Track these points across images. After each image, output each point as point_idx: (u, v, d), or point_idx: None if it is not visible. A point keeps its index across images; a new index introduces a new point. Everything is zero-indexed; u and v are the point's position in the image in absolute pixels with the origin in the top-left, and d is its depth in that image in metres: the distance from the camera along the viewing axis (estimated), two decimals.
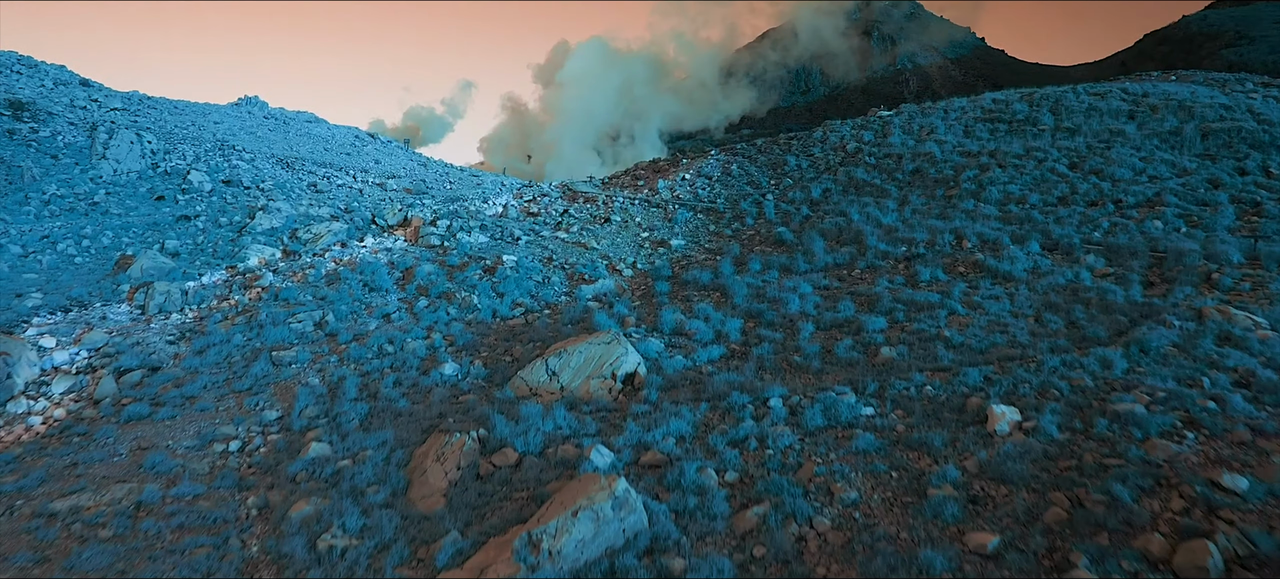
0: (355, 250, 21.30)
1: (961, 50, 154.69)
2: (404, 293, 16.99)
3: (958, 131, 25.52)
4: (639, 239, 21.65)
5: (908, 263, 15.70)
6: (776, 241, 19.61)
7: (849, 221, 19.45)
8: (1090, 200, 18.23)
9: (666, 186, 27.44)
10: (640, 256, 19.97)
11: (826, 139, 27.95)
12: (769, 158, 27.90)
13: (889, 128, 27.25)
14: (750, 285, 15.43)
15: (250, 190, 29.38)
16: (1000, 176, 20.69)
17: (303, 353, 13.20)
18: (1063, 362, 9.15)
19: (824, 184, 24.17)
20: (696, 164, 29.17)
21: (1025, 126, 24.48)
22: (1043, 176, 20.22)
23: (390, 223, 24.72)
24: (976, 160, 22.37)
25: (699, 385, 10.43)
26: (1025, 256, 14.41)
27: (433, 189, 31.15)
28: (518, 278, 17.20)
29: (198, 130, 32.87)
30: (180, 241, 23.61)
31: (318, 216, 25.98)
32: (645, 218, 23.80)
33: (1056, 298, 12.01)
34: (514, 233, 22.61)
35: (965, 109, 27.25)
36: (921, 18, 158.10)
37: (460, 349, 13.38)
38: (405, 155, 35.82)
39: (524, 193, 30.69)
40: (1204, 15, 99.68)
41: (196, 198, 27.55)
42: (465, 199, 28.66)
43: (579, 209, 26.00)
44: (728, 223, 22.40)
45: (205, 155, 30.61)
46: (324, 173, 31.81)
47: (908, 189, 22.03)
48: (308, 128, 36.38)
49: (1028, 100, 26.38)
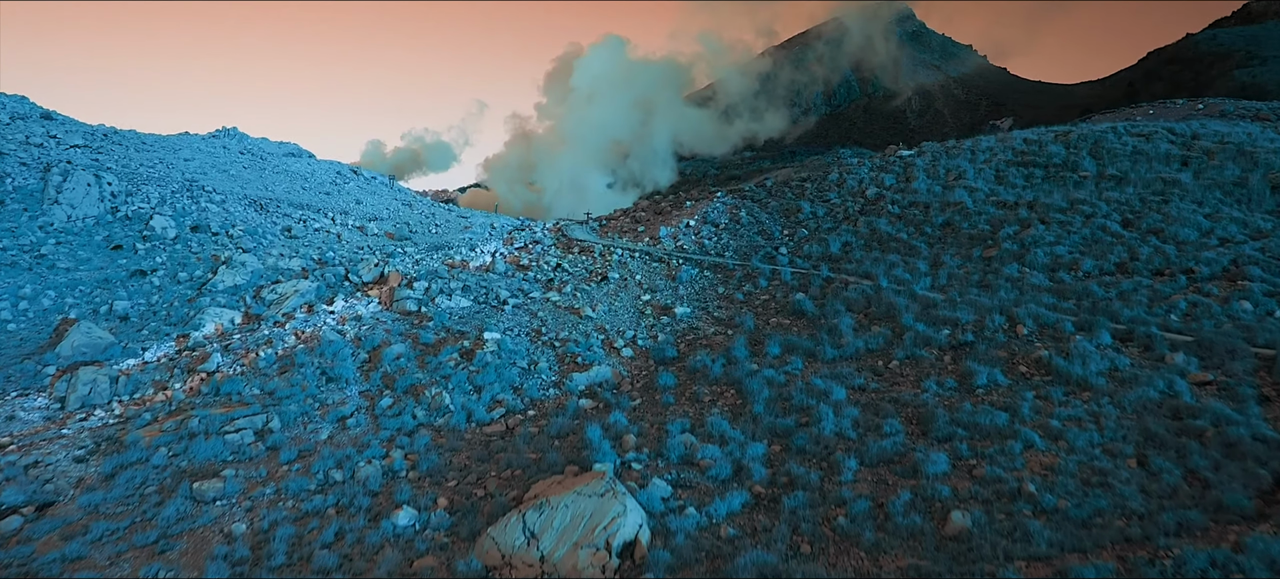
0: (321, 318, 18.98)
1: (964, 68, 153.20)
2: (367, 383, 14.64)
3: (989, 177, 23.28)
4: (639, 303, 19.33)
5: (955, 354, 13.37)
6: (795, 312, 17.29)
7: (878, 290, 17.14)
8: (1155, 269, 15.94)
9: (669, 235, 25.17)
10: (641, 328, 17.63)
11: (843, 182, 25.70)
12: (780, 203, 25.65)
13: (912, 171, 25.01)
14: (770, 382, 13.09)
15: (218, 237, 27.13)
16: (1044, 234, 18.42)
17: (233, 482, 10.84)
18: (1209, 560, 6.81)
19: (843, 237, 21.90)
20: (701, 208, 26.92)
21: (1064, 172, 22.25)
22: (1094, 236, 17.95)
23: (365, 280, 22.42)
24: (1014, 213, 20.12)
25: (717, 562, 8.07)
26: (1097, 353, 12.08)
27: (417, 234, 28.89)
28: (499, 364, 14.85)
29: (166, 168, 30.66)
30: (131, 302, 21.32)
31: (287, 270, 23.69)
32: (646, 275, 21.50)
33: (1157, 425, 9.67)
34: (500, 294, 20.30)
35: (994, 150, 25.03)
36: (924, 37, 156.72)
37: (423, 477, 11.01)
38: (389, 193, 33.61)
39: (515, 237, 28.44)
40: (1213, 34, 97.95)
41: (158, 247, 25.29)
42: (450, 246, 26.40)
43: (573, 261, 23.71)
44: (738, 283, 20.09)
45: (172, 197, 28.36)
46: (300, 215, 29.55)
47: (939, 246, 19.76)
48: (287, 164, 34.19)
49: (1063, 141, 24.17)
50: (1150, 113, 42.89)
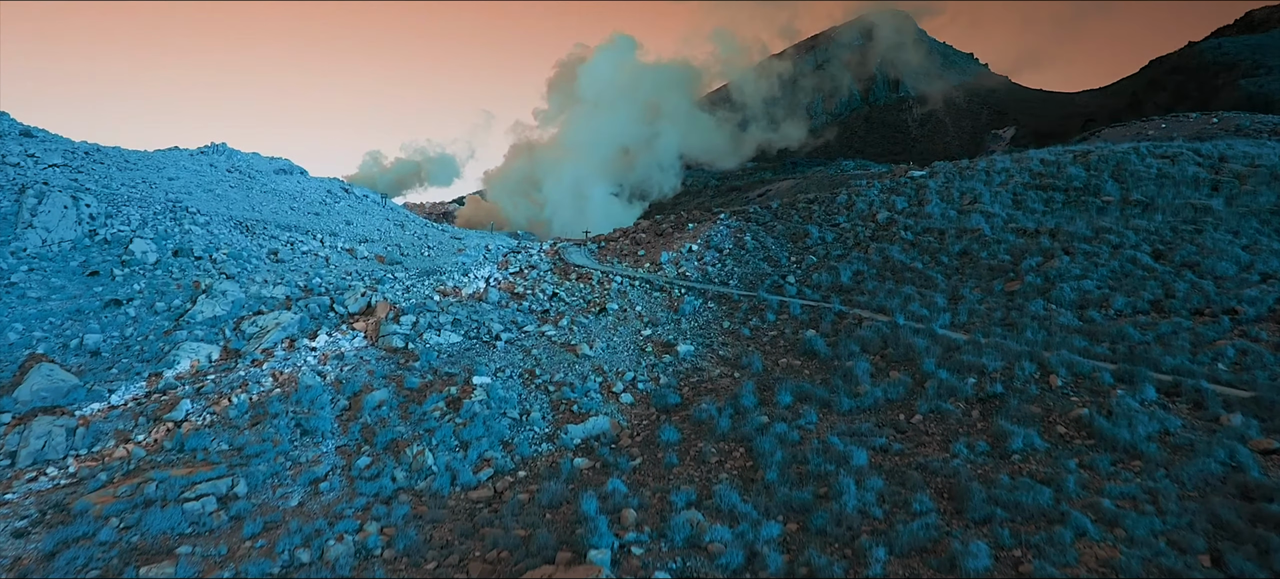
0: (302, 355, 17.86)
1: (965, 77, 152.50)
2: (345, 437, 13.51)
3: (1006, 201, 22.20)
4: (639, 339, 18.22)
5: (983, 408, 12.25)
6: (806, 351, 16.18)
7: (894, 328, 16.03)
8: (1194, 308, 14.84)
9: (671, 261, 24.08)
10: (641, 369, 16.51)
11: (853, 205, 24.63)
12: (787, 227, 24.56)
13: (924, 193, 23.94)
14: (783, 440, 11.96)
15: (201, 261, 26.06)
16: (1069, 267, 17.33)
17: (186, 564, 9.70)
18: None
19: (854, 265, 20.81)
20: (705, 231, 25.85)
21: (1085, 197, 21.16)
22: (1123, 269, 16.86)
23: (350, 311, 21.32)
24: (1036, 242, 19.03)
25: None
26: (1143, 412, 10.96)
27: (408, 257, 27.81)
28: (488, 415, 13.72)
29: (149, 188, 29.61)
30: (104, 335, 20.19)
31: (270, 299, 22.58)
32: (647, 306, 20.40)
33: (1226, 509, 8.55)
34: (492, 327, 19.20)
35: (1010, 172, 23.96)
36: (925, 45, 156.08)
37: (400, 556, 9.86)
38: (381, 212, 32.54)
39: (510, 260, 27.35)
40: (1218, 44, 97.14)
41: (136, 273, 24.19)
42: (442, 272, 25.30)
43: (571, 289, 22.61)
44: (744, 317, 18.98)
45: (154, 219, 27.31)
46: (288, 238, 28.47)
47: (957, 278, 18.66)
48: (276, 182, 33.13)
49: (1083, 162, 23.10)
50: (1162, 127, 41.92)
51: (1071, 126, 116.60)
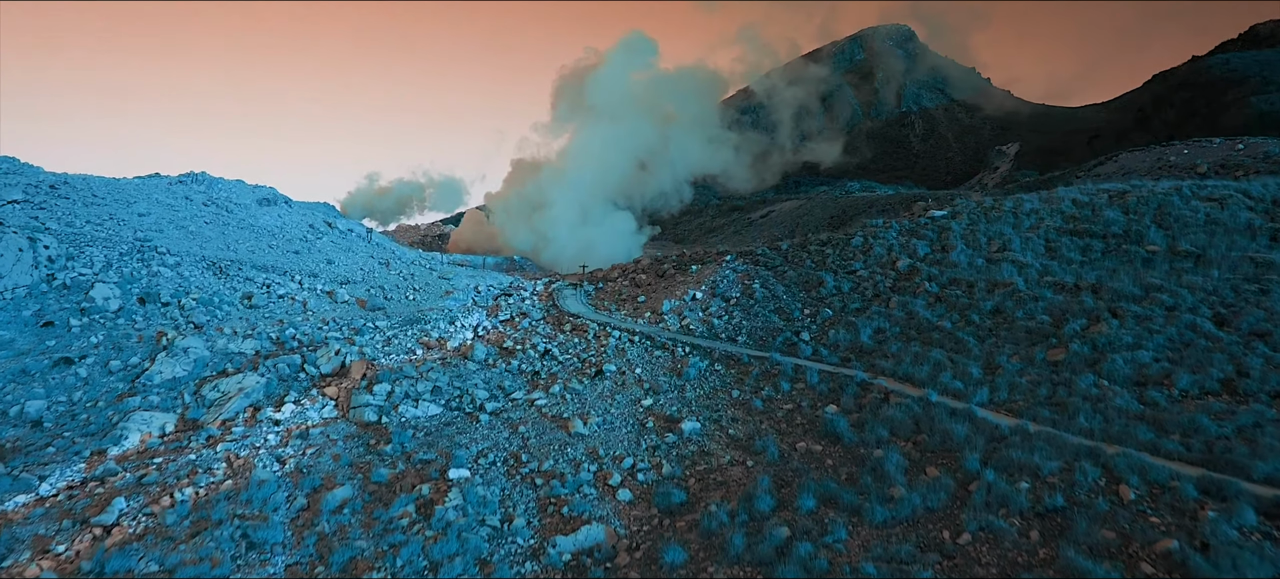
0: (263, 431, 16.02)
1: (967, 91, 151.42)
2: (298, 551, 11.63)
3: (1038, 248, 20.40)
4: (639, 412, 16.36)
5: (1043, 527, 10.38)
6: (827, 433, 14.32)
7: (927, 407, 14.19)
8: (1275, 391, 12.99)
9: (673, 311, 22.25)
10: (641, 452, 14.65)
11: (869, 249, 22.82)
12: (799, 273, 22.74)
13: (947, 236, 22.15)
14: (809, 570, 10.09)
15: (169, 307, 24.26)
16: (1120, 334, 15.49)
17: None
18: None
19: (874, 321, 18.99)
20: (710, 275, 24.02)
21: (1127, 245, 19.37)
22: (1183, 338, 15.02)
23: (323, 372, 19.47)
24: (1077, 300, 17.21)
25: None
26: (1248, 545, 9.09)
27: (391, 301, 25.97)
28: (464, 524, 11.85)
29: (116, 226, 27.83)
30: (49, 400, 18.30)
31: (238, 356, 20.73)
32: (647, 368, 18.54)
33: None
34: (477, 395, 17.36)
35: (1040, 214, 22.17)
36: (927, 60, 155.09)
37: None
38: (365, 249, 30.74)
39: (501, 305, 25.54)
40: (1225, 60, 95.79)
41: (95, 323, 22.36)
42: (427, 321, 23.45)
43: (565, 345, 20.77)
44: (755, 383, 17.13)
45: (119, 261, 25.51)
46: (264, 279, 26.66)
47: (991, 342, 16.83)
48: (255, 216, 31.36)
49: (1120, 204, 21.32)
50: (1185, 153, 40.24)
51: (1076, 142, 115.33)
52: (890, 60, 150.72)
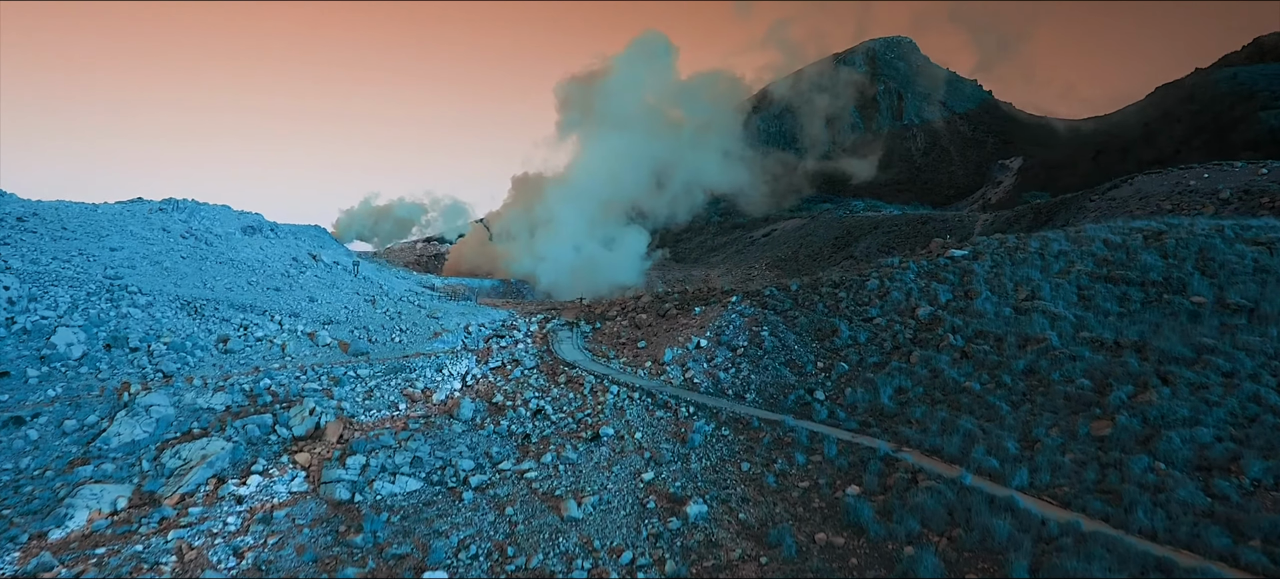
0: (224, 512, 14.48)
1: (969, 104, 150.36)
2: None
3: (1069, 295, 18.88)
4: (639, 490, 14.79)
5: None
6: (850, 523, 12.76)
7: (962, 497, 12.62)
8: None
9: (676, 360, 20.72)
10: (642, 541, 13.08)
11: (886, 293, 21.30)
12: (810, 319, 21.20)
13: (970, 281, 20.62)
14: None
15: (138, 353, 22.71)
16: (1173, 405, 13.94)
17: None
18: None
19: (895, 378, 17.45)
20: (714, 319, 22.49)
21: (1169, 295, 17.84)
22: (1246, 411, 13.47)
23: (295, 434, 17.92)
24: (1119, 362, 15.67)
25: None
26: None
27: (376, 344, 24.43)
28: None
29: (86, 262, 26.32)
30: None
31: (206, 412, 19.18)
32: (648, 432, 16.99)
33: None
34: (461, 465, 15.81)
35: (1070, 256, 20.65)
36: (928, 72, 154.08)
37: None
38: (351, 285, 29.24)
39: (493, 350, 24.03)
40: (1233, 73, 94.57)
41: (55, 373, 20.80)
42: (412, 369, 21.91)
43: (559, 401, 19.24)
44: (767, 454, 15.57)
45: (86, 301, 23.97)
46: (241, 320, 25.13)
47: (1027, 408, 15.27)
48: (236, 248, 29.86)
49: (1158, 247, 19.81)
50: (1205, 177, 38.82)
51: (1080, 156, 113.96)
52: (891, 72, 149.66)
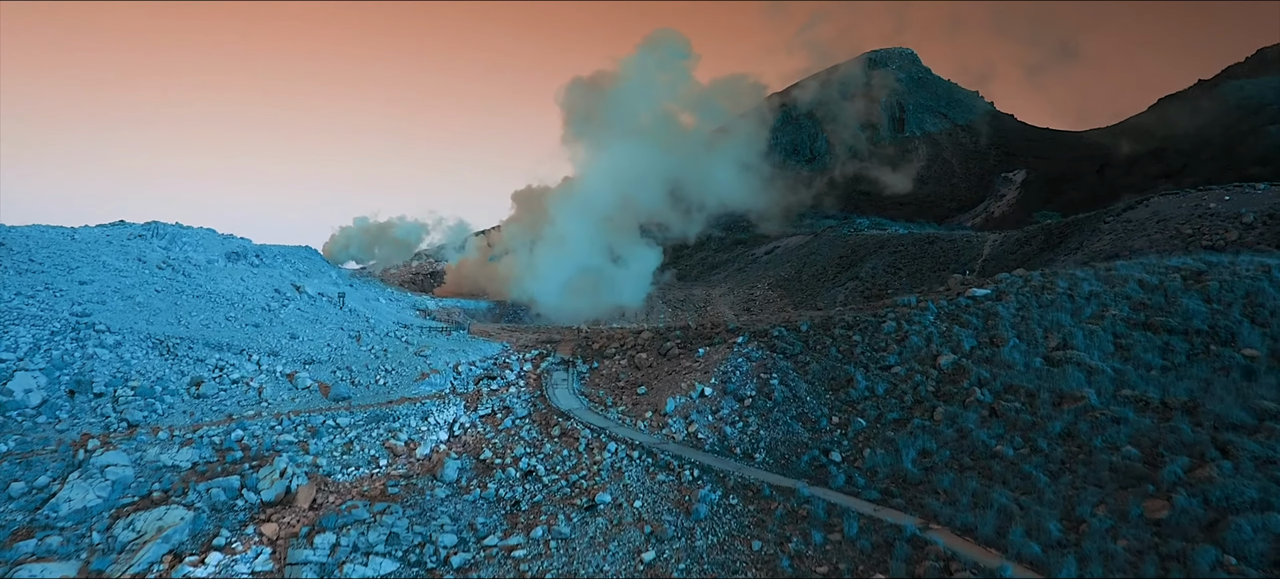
0: None
1: (971, 116, 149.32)
2: None
3: (1105, 345, 17.43)
4: (637, 575, 13.27)
5: None
6: None
7: None
8: None
9: (678, 411, 19.25)
10: None
11: (904, 338, 19.83)
12: (823, 365, 19.72)
13: (995, 325, 19.16)
14: None
15: (103, 400, 21.25)
16: (1237, 483, 12.44)
17: None
18: None
19: (918, 439, 15.97)
20: (719, 362, 21.01)
21: (1216, 346, 16.38)
22: None
23: (264, 498, 16.43)
24: (1169, 425, 14.19)
25: None
26: None
27: (359, 387, 22.93)
28: None
29: (52, 297, 24.86)
30: None
31: (169, 471, 17.69)
32: (648, 500, 15.49)
33: None
34: (442, 541, 14.32)
35: (1102, 299, 19.20)
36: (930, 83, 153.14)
37: None
38: (336, 319, 27.75)
39: (482, 395, 22.53)
40: (1240, 86, 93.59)
41: (10, 424, 19.29)
42: (395, 418, 20.42)
43: (552, 458, 17.75)
44: (780, 530, 14.06)
45: (50, 341, 22.50)
46: (217, 360, 23.65)
47: (1067, 480, 13.78)
48: (215, 279, 28.40)
49: (1200, 290, 18.37)
50: (1226, 200, 37.46)
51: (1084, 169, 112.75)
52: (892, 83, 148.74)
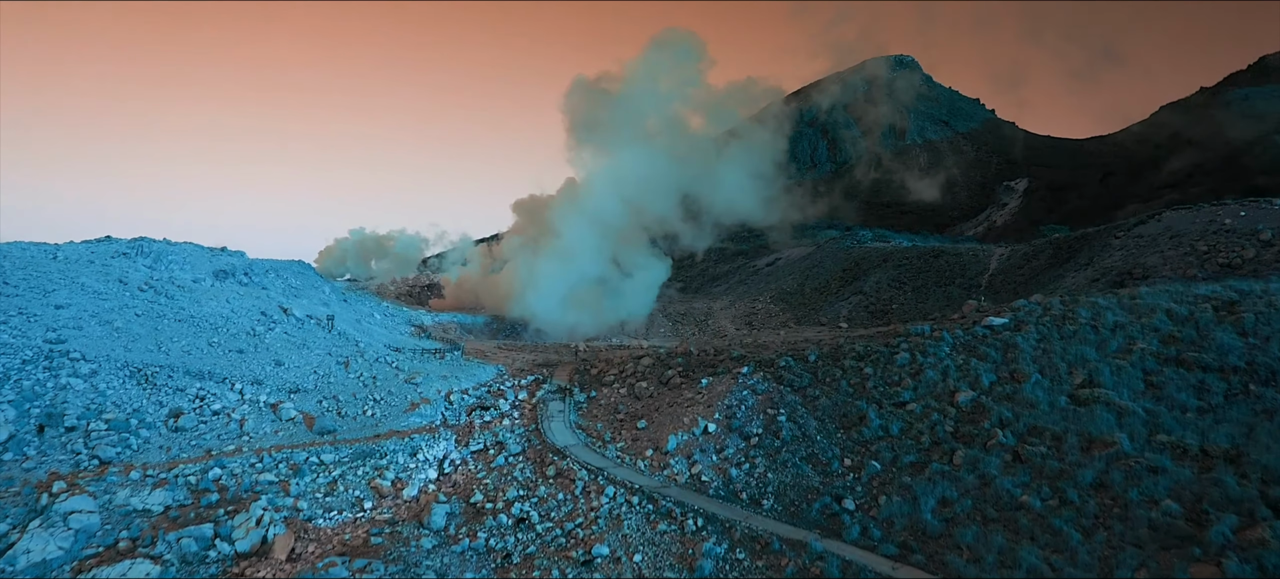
0: None
1: (972, 123, 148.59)
2: None
3: (1135, 382, 16.39)
4: None
5: None
6: None
7: None
8: None
9: (680, 449, 18.20)
10: None
11: (919, 371, 18.79)
12: (833, 401, 18.68)
13: (1014, 357, 18.12)
14: None
15: (74, 434, 20.19)
16: None
17: None
18: None
19: (937, 485, 14.92)
20: (722, 395, 19.97)
21: (1257, 387, 15.35)
22: None
23: (238, 549, 15.37)
24: (1212, 477, 13.14)
25: None
26: None
27: (346, 418, 21.87)
28: None
29: (25, 322, 23.80)
30: None
31: (139, 516, 16.61)
32: (649, 553, 14.42)
33: None
34: None
35: (1129, 332, 18.17)
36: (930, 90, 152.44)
37: None
38: (324, 343, 26.69)
39: (475, 428, 21.47)
40: (1244, 95, 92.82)
41: None
42: (383, 454, 19.35)
43: (546, 503, 16.70)
44: None
45: (20, 371, 21.43)
46: (197, 389, 22.59)
47: (1102, 539, 12.73)
48: (199, 301, 27.33)
49: (1233, 322, 17.35)
50: (1242, 216, 36.52)
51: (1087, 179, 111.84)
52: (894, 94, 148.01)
